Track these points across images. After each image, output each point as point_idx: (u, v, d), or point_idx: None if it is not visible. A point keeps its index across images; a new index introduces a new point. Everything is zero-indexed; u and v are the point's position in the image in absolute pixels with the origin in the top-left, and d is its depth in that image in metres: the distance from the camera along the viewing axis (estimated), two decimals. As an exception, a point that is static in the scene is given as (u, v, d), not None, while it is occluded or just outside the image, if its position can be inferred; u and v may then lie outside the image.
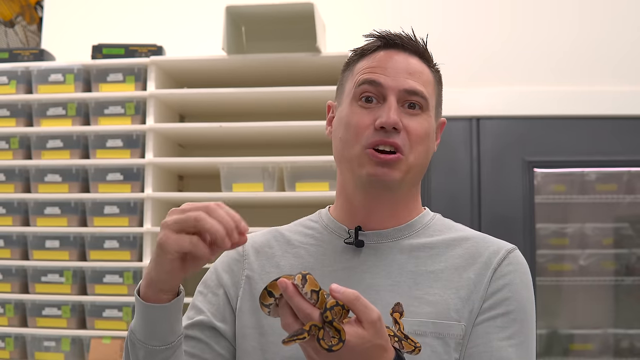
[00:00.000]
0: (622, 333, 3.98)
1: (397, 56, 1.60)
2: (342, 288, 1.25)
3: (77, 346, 3.43)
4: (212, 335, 1.58)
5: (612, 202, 4.03)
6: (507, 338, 1.49)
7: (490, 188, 3.77)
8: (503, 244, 1.59)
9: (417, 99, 1.56)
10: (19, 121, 3.57)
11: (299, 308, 1.25)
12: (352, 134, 1.56)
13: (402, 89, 1.55)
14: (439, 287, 1.52)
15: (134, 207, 3.43)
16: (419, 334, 1.46)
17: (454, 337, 1.48)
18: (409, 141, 1.54)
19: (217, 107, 3.68)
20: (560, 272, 4.05)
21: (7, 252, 3.50)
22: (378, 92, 1.56)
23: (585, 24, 3.92)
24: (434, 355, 1.47)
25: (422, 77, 1.59)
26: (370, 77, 1.57)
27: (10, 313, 3.46)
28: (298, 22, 3.39)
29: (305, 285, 1.25)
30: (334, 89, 3.37)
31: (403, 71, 1.57)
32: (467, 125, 3.80)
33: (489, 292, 1.51)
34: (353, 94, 1.59)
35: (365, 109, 1.56)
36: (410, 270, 1.54)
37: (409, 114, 1.56)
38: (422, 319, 1.48)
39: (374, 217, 1.59)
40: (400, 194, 1.59)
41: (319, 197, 3.32)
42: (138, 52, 3.55)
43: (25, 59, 3.65)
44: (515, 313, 1.51)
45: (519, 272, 1.55)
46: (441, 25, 3.93)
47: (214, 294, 1.63)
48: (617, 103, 3.78)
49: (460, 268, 1.54)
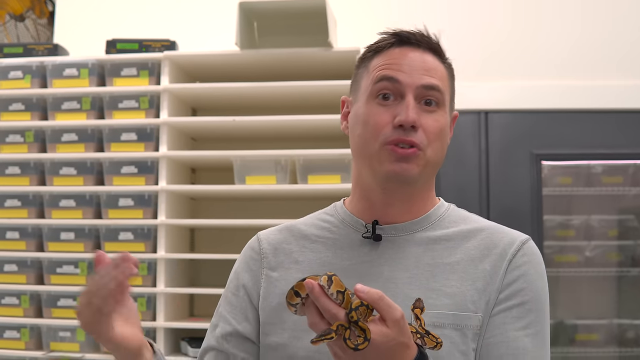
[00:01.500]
0: (627, 323, 4.01)
1: (412, 53, 1.61)
2: (367, 288, 1.28)
3: (91, 336, 3.46)
4: (238, 343, 1.63)
5: (618, 194, 4.05)
6: (523, 328, 1.51)
7: (499, 180, 3.79)
8: (517, 235, 1.61)
9: (434, 94, 1.58)
10: (34, 115, 3.60)
11: (325, 308, 1.27)
12: (370, 132, 1.57)
13: (419, 85, 1.57)
14: (456, 279, 1.54)
15: (148, 199, 3.47)
16: (437, 326, 1.49)
17: (471, 328, 1.51)
18: (427, 138, 1.56)
19: (230, 101, 3.71)
20: (566, 263, 4.06)
21: (22, 244, 3.54)
22: (395, 89, 1.57)
23: (590, 19, 3.94)
24: (452, 347, 1.49)
25: (437, 73, 1.60)
26: (388, 73, 1.58)
27: (26, 304, 3.50)
28: (310, 17, 3.41)
29: (331, 287, 1.28)
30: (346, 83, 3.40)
31: (419, 68, 1.59)
32: (475, 118, 3.82)
33: (505, 283, 1.53)
34: (370, 91, 1.60)
35: (383, 107, 1.57)
36: (427, 263, 1.57)
37: (426, 110, 1.57)
38: (441, 310, 1.50)
39: (391, 211, 1.62)
40: (417, 188, 1.61)
41: (331, 190, 3.35)
42: (152, 47, 3.58)
43: (39, 54, 3.67)
44: (531, 303, 1.53)
45: (534, 263, 1.58)
46: (448, 19, 3.95)
47: (234, 294, 1.67)
48: (623, 97, 3.81)
49: (476, 259, 1.56)
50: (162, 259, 3.41)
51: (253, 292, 1.65)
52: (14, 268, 3.53)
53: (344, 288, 1.29)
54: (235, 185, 3.44)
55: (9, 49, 3.72)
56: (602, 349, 4.01)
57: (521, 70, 3.92)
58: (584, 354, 4.03)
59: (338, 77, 3.45)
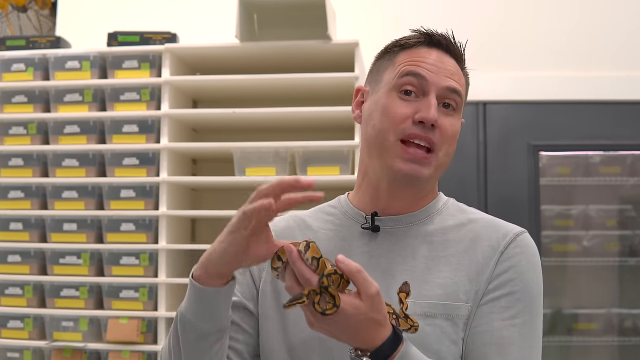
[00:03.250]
0: (625, 313, 4.03)
1: (438, 55, 1.64)
2: (348, 260, 1.32)
3: (94, 326, 3.50)
4: (244, 316, 1.65)
5: (616, 184, 4.06)
6: (510, 318, 1.52)
7: (497, 171, 3.81)
8: (512, 227, 1.63)
9: (455, 98, 1.61)
10: (37, 107, 3.63)
11: (300, 272, 1.34)
12: (389, 123, 1.59)
13: (444, 86, 1.60)
14: (450, 270, 1.56)
15: (150, 190, 3.49)
16: (429, 316, 1.52)
17: (462, 318, 1.53)
18: (441, 139, 1.59)
19: (230, 93, 3.73)
20: (564, 252, 4.08)
21: (25, 235, 3.57)
22: (420, 85, 1.59)
23: (589, 9, 3.96)
24: (443, 336, 1.51)
25: (460, 79, 1.64)
26: (415, 69, 1.60)
27: (29, 294, 3.53)
28: (309, 10, 3.43)
29: (307, 252, 1.34)
30: (344, 75, 3.45)
31: (444, 70, 1.61)
32: (473, 109, 3.84)
33: (495, 274, 1.55)
34: (394, 84, 1.61)
35: (404, 101, 1.59)
36: (423, 255, 1.59)
37: (444, 113, 1.60)
38: (432, 300, 1.53)
39: (395, 204, 1.64)
40: (427, 187, 1.65)
41: (330, 181, 3.37)
42: (153, 39, 3.60)
43: (41, 46, 3.70)
44: (520, 293, 1.54)
45: (526, 255, 1.58)
46: (445, 10, 3.97)
47: (241, 274, 1.68)
48: (621, 88, 3.82)
49: (469, 250, 1.58)
50: (163, 250, 3.44)
51: (256, 275, 1.68)
52: (17, 259, 3.56)
53: (320, 255, 1.34)
54: (236, 176, 3.47)
55: (12, 41, 3.74)
56: (600, 338, 4.03)
57: (519, 61, 3.94)
58: (582, 343, 4.04)
59: (337, 69, 3.47)
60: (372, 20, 3.84)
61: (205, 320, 1.48)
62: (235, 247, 1.42)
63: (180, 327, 1.51)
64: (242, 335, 1.64)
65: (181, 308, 1.51)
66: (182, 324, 1.50)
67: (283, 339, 1.60)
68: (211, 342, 1.50)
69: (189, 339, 1.50)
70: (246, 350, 1.64)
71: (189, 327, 1.49)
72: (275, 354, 1.61)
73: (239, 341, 1.64)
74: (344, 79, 3.40)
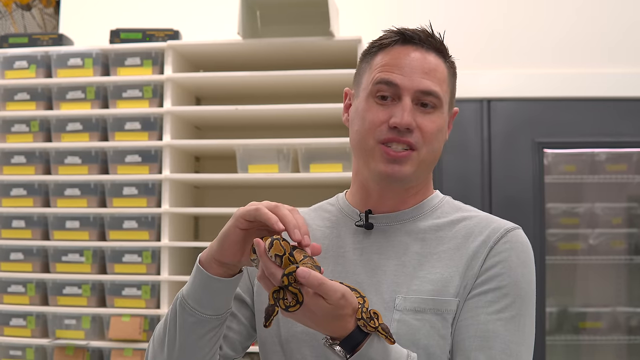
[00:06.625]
0: (631, 311, 4.01)
1: (414, 53, 1.62)
2: (307, 273, 1.33)
3: (97, 324, 3.51)
4: (240, 307, 1.67)
5: (622, 182, 4.04)
6: (496, 312, 1.52)
7: (501, 168, 3.80)
8: (504, 223, 1.62)
9: (431, 99, 1.60)
10: (39, 104, 3.63)
11: (266, 267, 1.39)
12: (366, 129, 1.60)
13: (417, 89, 1.59)
14: (441, 266, 1.56)
15: (152, 188, 3.50)
16: (418, 311, 1.52)
17: (450, 312, 1.53)
18: (422, 139, 1.59)
19: (233, 90, 3.73)
20: (570, 251, 4.06)
21: (28, 232, 3.58)
22: (393, 91, 1.59)
23: (594, 5, 3.94)
24: (432, 331, 1.52)
25: (437, 75, 1.62)
26: (387, 77, 1.60)
27: (32, 292, 3.54)
28: (312, 6, 3.43)
29: (270, 250, 1.38)
30: (347, 72, 3.44)
31: (419, 70, 1.60)
32: (478, 107, 3.82)
33: (483, 269, 1.55)
34: (370, 91, 1.62)
35: (380, 106, 1.60)
36: (415, 252, 1.59)
37: (423, 112, 1.59)
38: (423, 296, 1.54)
39: (386, 203, 1.65)
40: (412, 184, 1.65)
41: (333, 178, 3.37)
42: (155, 36, 3.60)
43: (44, 44, 3.70)
44: (508, 288, 1.54)
45: (516, 250, 1.58)
46: (448, 7, 3.96)
47: None
48: (627, 85, 3.79)
49: (461, 247, 1.58)
50: (165, 247, 3.44)
51: (251, 271, 1.69)
52: (20, 256, 3.57)
53: (283, 252, 1.37)
54: (238, 173, 3.47)
55: (14, 39, 3.75)
56: (607, 336, 4.01)
57: (524, 58, 3.91)
58: (589, 341, 4.04)
59: (340, 66, 3.46)
60: (375, 16, 3.84)
61: (208, 307, 1.52)
62: (235, 236, 1.49)
63: (180, 309, 1.54)
64: (237, 325, 1.67)
65: (183, 291, 1.55)
66: (182, 307, 1.54)
67: (276, 332, 1.62)
68: (209, 328, 1.54)
69: (187, 321, 1.53)
70: (238, 340, 1.67)
71: (189, 310, 1.53)
72: (269, 346, 1.63)
73: (233, 330, 1.67)
74: (346, 76, 3.38)
